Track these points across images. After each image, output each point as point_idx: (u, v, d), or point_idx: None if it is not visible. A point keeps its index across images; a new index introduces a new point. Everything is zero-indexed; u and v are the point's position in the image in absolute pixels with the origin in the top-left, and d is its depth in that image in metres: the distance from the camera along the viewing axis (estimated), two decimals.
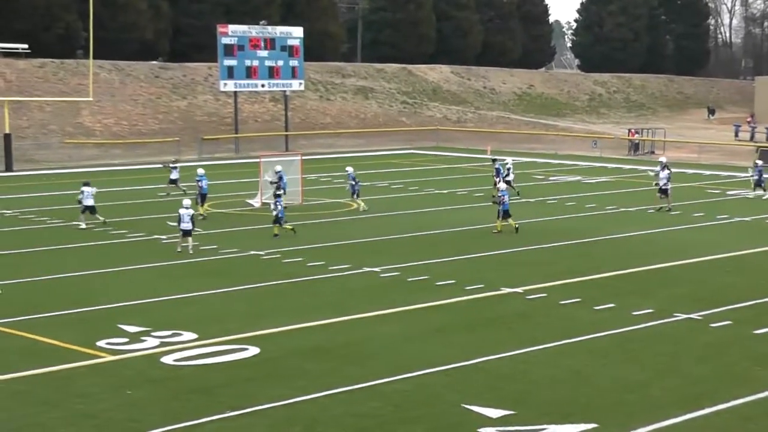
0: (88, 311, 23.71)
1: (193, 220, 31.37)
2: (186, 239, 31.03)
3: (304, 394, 17.47)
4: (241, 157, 67.16)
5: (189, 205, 31.58)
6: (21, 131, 65.66)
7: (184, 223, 30.90)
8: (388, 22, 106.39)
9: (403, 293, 25.57)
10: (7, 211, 40.71)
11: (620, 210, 40.86)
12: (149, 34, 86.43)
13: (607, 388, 17.97)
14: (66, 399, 17.28)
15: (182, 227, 30.98)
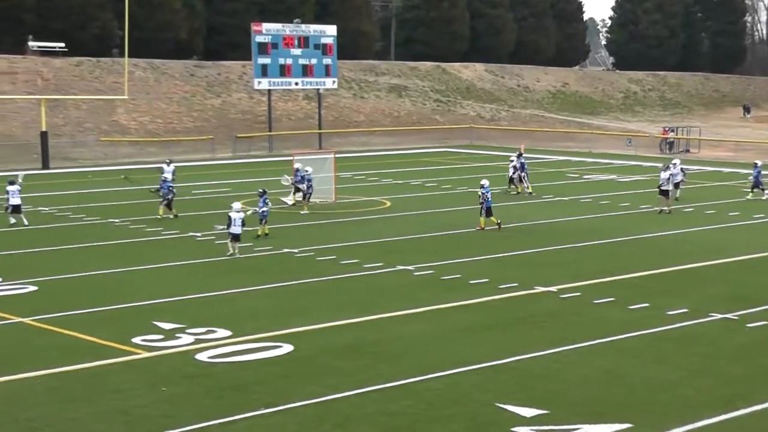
0: (123, 308, 23.87)
1: (244, 223, 30.41)
2: (235, 243, 30.03)
3: (337, 392, 17.51)
4: (274, 155, 67.35)
5: (240, 209, 30.52)
6: (57, 129, 66.17)
7: (235, 226, 29.86)
8: (422, 20, 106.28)
9: (436, 292, 25.56)
10: (44, 209, 41.02)
11: (655, 209, 40.60)
12: (184, 32, 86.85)
13: (640, 388, 17.88)
14: (101, 395, 17.42)
15: (232, 231, 29.95)
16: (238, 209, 30.27)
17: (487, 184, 35.70)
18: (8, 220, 36.00)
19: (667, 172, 39.77)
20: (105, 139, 68.06)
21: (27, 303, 24.33)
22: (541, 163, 61.81)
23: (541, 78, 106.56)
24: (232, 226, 29.83)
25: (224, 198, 43.83)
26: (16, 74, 72.59)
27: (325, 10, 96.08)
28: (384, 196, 44.84)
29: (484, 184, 35.63)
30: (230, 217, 29.88)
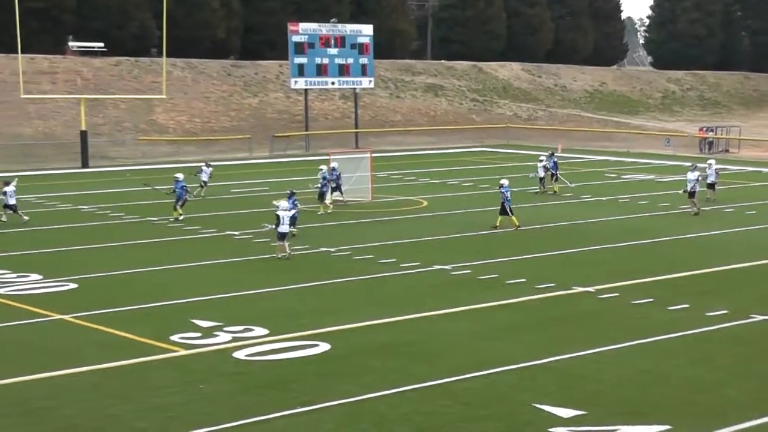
0: (162, 306, 24.01)
1: (292, 222, 30.26)
2: (282, 242, 29.69)
3: (373, 391, 17.50)
4: (311, 154, 67.50)
5: (288, 207, 30.30)
6: (97, 128, 66.67)
7: (283, 225, 29.61)
8: (459, 19, 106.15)
9: (472, 291, 25.50)
10: (83, 207, 41.35)
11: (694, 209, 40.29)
12: (221, 32, 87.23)
13: (679, 389, 17.74)
14: (140, 392, 17.51)
15: (280, 230, 29.66)
16: (285, 208, 30.01)
17: (506, 183, 35.67)
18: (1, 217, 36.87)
19: (695, 173, 39.28)
20: (143, 139, 68.49)
21: (67, 300, 24.52)
22: (579, 163, 61.58)
23: (578, 77, 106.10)
24: (280, 225, 29.55)
25: (261, 197, 44.02)
26: (57, 74, 73.23)
27: (361, 8, 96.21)
28: (421, 195, 44.82)
29: (503, 183, 35.59)
30: (278, 216, 29.61)
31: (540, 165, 46.24)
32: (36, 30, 75.52)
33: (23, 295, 25.04)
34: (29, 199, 43.73)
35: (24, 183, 50.13)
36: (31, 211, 40.59)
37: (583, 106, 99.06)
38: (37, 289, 25.78)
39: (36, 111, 68.29)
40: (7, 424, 16.07)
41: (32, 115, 67.90)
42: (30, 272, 27.74)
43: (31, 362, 19.27)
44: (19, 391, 17.62)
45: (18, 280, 26.90)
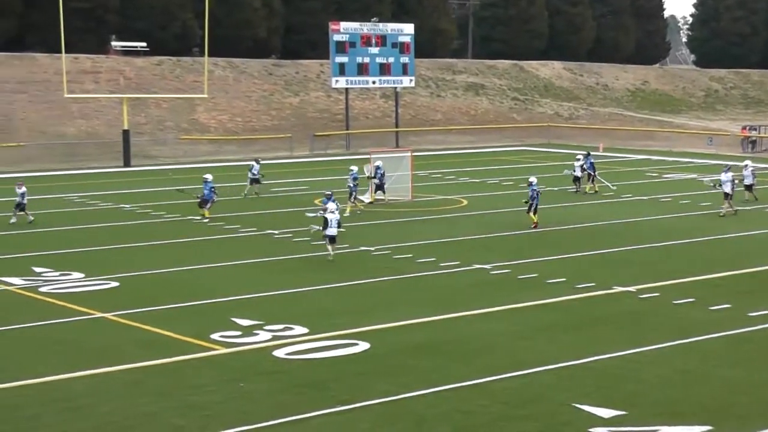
0: (202, 304, 24.12)
1: (340, 224, 29.83)
2: (331, 246, 29.27)
3: (413, 390, 17.48)
4: (351, 153, 67.53)
5: (336, 209, 29.89)
6: (139, 127, 67.13)
7: (331, 228, 29.22)
8: (500, 18, 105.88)
9: (512, 291, 25.42)
10: (125, 206, 41.64)
11: (737, 209, 39.95)
12: (262, 31, 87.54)
13: (721, 390, 17.58)
14: (179, 390, 17.60)
15: (328, 233, 29.28)
16: (333, 210, 29.58)
17: (535, 181, 35.53)
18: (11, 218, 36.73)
19: (729, 174, 38.60)
20: (185, 138, 68.86)
21: (109, 298, 24.70)
22: (621, 162, 61.21)
23: (620, 76, 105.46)
24: (328, 228, 29.23)
25: (302, 196, 44.15)
26: (100, 73, 73.83)
27: (402, 8, 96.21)
28: (461, 194, 44.74)
29: (532, 181, 35.46)
30: (326, 218, 29.29)
31: (577, 164, 45.97)
32: (80, 30, 76.24)
33: (65, 294, 25.25)
34: (72, 198, 44.16)
35: (67, 182, 50.76)
36: (74, 210, 41.01)
37: (625, 105, 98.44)
38: (78, 288, 25.99)
39: (79, 110, 68.89)
40: (49, 420, 16.21)
41: (75, 115, 68.51)
42: (72, 271, 27.97)
43: (73, 360, 19.43)
44: (60, 388, 17.78)
45: (60, 278, 27.13)
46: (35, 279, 26.95)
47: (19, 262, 29.30)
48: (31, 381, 18.08)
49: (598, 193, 44.60)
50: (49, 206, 41.73)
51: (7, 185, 48.22)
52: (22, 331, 21.80)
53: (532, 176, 36.87)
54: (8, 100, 67.87)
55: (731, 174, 38.82)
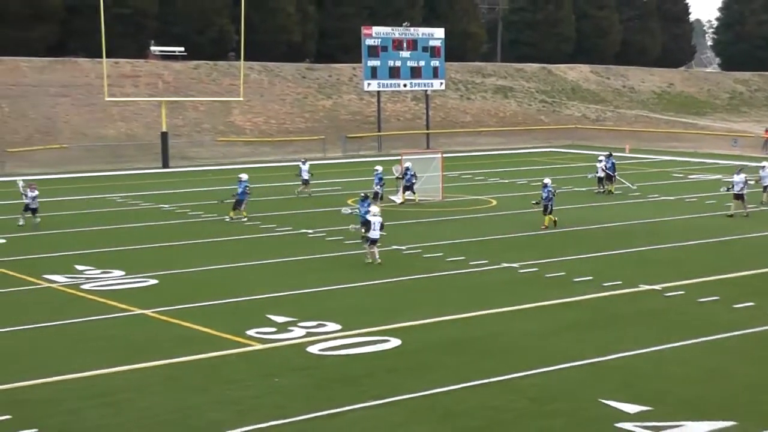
0: (238, 301, 24.23)
1: (383, 227, 28.82)
2: (372, 247, 28.62)
3: (443, 385, 17.49)
4: (383, 154, 67.59)
5: (378, 212, 28.99)
6: (177, 130, 67.47)
7: (374, 231, 28.38)
8: (528, 22, 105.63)
9: (540, 289, 25.35)
10: (164, 206, 41.87)
11: (761, 209, 39.68)
12: (297, 36, 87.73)
13: (745, 387, 17.46)
14: (216, 385, 17.69)
15: (371, 236, 28.51)
16: (376, 213, 28.78)
17: (549, 182, 35.33)
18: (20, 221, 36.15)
19: (741, 175, 37.73)
20: (221, 139, 69.16)
21: (148, 296, 24.86)
22: (647, 163, 60.92)
23: (646, 79, 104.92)
24: (371, 231, 28.51)
25: (335, 196, 44.22)
26: (139, 77, 74.29)
27: (433, 12, 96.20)
28: (490, 195, 44.68)
29: (546, 183, 35.23)
30: (369, 221, 28.62)
31: (599, 165, 45.81)
32: (120, 35, 76.70)
33: (107, 291, 25.44)
34: (113, 198, 44.46)
35: (107, 183, 51.13)
36: (115, 209, 41.28)
37: (651, 107, 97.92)
38: (119, 285, 26.17)
39: (119, 113, 69.34)
40: (90, 414, 16.33)
41: (116, 117, 68.96)
42: (113, 269, 28.17)
43: (113, 355, 19.57)
44: (102, 382, 17.90)
45: (102, 276, 27.32)
46: (77, 277, 27.16)
47: (61, 261, 29.55)
48: (73, 376, 18.22)
49: (612, 193, 44.27)
50: (91, 206, 42.06)
51: (52, 186, 48.71)
52: (65, 327, 21.98)
53: (547, 177, 36.69)
54: (51, 104, 68.42)
55: (744, 175, 38.09)
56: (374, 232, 28.44)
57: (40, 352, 19.96)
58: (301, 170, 45.07)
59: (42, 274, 27.34)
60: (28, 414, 16.26)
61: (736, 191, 37.64)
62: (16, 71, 70.63)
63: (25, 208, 35.93)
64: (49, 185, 49.98)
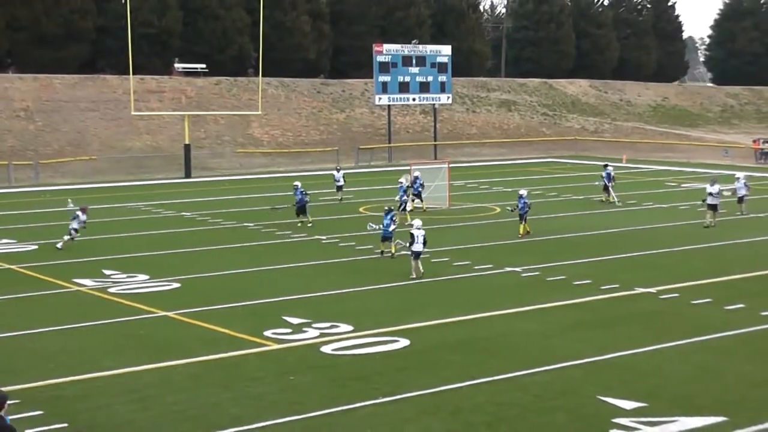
0: (256, 304, 24.24)
1: (425, 241, 27.30)
2: (417, 262, 27.18)
3: (450, 383, 17.48)
4: (393, 164, 67.66)
5: (421, 225, 27.74)
6: (199, 142, 67.59)
7: (417, 244, 27.04)
8: (531, 40, 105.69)
9: (542, 292, 25.32)
10: (186, 214, 41.94)
11: (750, 216, 39.56)
12: (312, 53, 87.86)
13: (736, 384, 17.43)
14: (236, 382, 17.71)
15: (414, 249, 27.15)
16: (419, 226, 27.52)
17: (525, 193, 35.03)
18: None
19: (716, 186, 37.12)
20: (241, 151, 69.28)
21: (171, 298, 24.89)
22: (642, 173, 60.80)
23: (642, 93, 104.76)
24: (414, 244, 27.12)
25: (348, 204, 44.23)
26: (164, 93, 74.48)
27: (441, 30, 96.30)
28: (494, 203, 44.65)
29: (522, 194, 34.94)
30: (412, 234, 27.24)
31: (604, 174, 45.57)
32: (146, 53, 77.05)
33: (132, 294, 25.48)
34: (138, 207, 44.55)
35: (133, 192, 51.27)
36: (140, 217, 41.38)
37: (647, 120, 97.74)
38: (144, 288, 26.22)
39: (145, 126, 69.51)
40: (119, 409, 16.37)
41: (141, 130, 69.13)
42: (138, 273, 28.22)
43: (140, 354, 19.62)
44: (130, 380, 17.95)
45: (127, 280, 27.38)
46: (105, 280, 27.22)
47: (90, 265, 29.61)
48: (103, 373, 18.27)
49: (609, 203, 43.85)
50: (118, 214, 42.14)
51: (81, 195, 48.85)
52: (94, 328, 22.02)
53: (523, 189, 36.33)
54: (81, 118, 68.63)
55: (718, 186, 37.45)
56: (417, 245, 27.09)
57: (70, 351, 20.00)
58: (336, 177, 46.02)
59: (72, 278, 27.41)
60: (60, 409, 16.31)
61: (710, 202, 36.86)
62: (49, 88, 70.89)
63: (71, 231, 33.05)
64: (78, 194, 50.06)
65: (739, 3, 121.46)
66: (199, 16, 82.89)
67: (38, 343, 20.70)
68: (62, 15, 75.60)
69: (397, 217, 31.35)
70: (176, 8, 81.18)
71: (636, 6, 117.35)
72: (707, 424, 15.38)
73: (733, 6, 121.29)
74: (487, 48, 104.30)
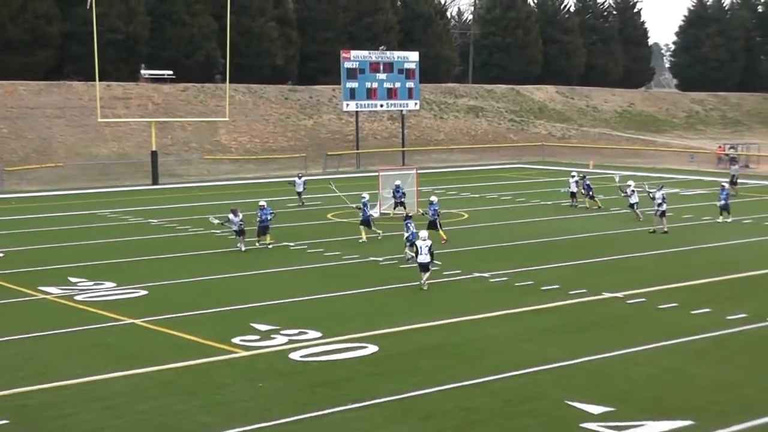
0: (224, 311, 24.17)
1: (432, 253, 26.58)
2: (423, 274, 26.52)
3: (419, 389, 17.51)
4: (361, 171, 67.69)
5: (426, 236, 26.86)
6: (166, 148, 67.29)
7: (422, 255, 26.38)
8: (498, 46, 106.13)
9: (510, 297, 25.43)
10: (153, 221, 41.74)
11: (716, 221, 39.90)
12: (280, 59, 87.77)
13: (703, 388, 17.58)
14: (205, 389, 17.65)
15: (420, 260, 26.55)
16: (424, 237, 26.73)
17: (435, 200, 35.03)
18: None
19: (662, 191, 37.18)
20: (208, 157, 69.04)
21: (139, 306, 24.77)
22: (609, 178, 61.13)
23: (608, 99, 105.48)
24: (419, 255, 26.52)
25: (316, 211, 44.20)
26: (130, 99, 74.08)
27: (409, 37, 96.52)
28: (462, 208, 44.77)
29: (433, 200, 34.91)
30: (417, 245, 26.68)
31: (572, 180, 45.81)
32: (113, 60, 76.59)
33: (99, 301, 25.33)
34: (104, 214, 44.27)
35: (100, 199, 50.94)
36: (107, 224, 41.13)
37: (613, 125, 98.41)
38: (111, 296, 26.07)
39: (111, 133, 69.10)
40: (88, 417, 16.28)
41: (108, 137, 68.72)
42: (105, 280, 28.05)
43: (108, 362, 19.50)
44: (98, 388, 17.84)
45: (94, 287, 27.20)
46: (71, 288, 27.04)
47: (56, 273, 29.41)
48: (70, 381, 18.15)
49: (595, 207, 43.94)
50: (84, 221, 41.88)
51: (48, 202, 48.50)
52: (61, 336, 21.88)
53: (433, 196, 36.45)
54: (48, 125, 68.14)
55: (664, 192, 37.44)
56: (422, 256, 26.40)
57: (37, 360, 19.86)
58: (296, 183, 46.38)
59: (37, 286, 27.20)
60: (27, 418, 16.19)
61: (657, 207, 36.81)
62: (14, 94, 70.30)
63: (238, 233, 33.16)
64: (44, 202, 49.79)
65: (704, 9, 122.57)
66: (167, 22, 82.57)
67: (4, 352, 20.52)
68: (27, 20, 74.98)
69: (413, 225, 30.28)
70: (143, 14, 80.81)
71: (602, 12, 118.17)
72: (675, 428, 15.50)
73: (698, 12, 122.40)
74: (455, 54, 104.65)
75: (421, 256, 26.50)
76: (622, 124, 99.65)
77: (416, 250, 26.79)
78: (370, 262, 30.83)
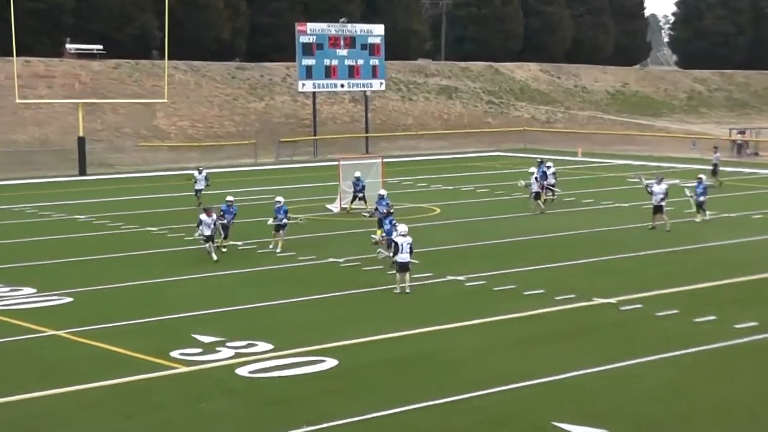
0: (161, 320, 24.03)
1: (412, 250, 26.50)
2: (403, 275, 26.51)
3: (385, 408, 17.44)
4: (319, 160, 67.61)
5: (407, 232, 26.73)
6: (95, 134, 66.84)
7: (402, 254, 26.33)
8: (474, 18, 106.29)
9: (488, 303, 25.45)
10: (80, 217, 41.43)
11: (721, 216, 40.17)
12: (226, 33, 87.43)
13: (704, 405, 17.62)
14: (139, 410, 17.51)
15: (399, 260, 26.50)
16: (404, 233, 26.71)
17: (385, 194, 35.13)
18: None
19: (662, 185, 37.27)
20: (144, 144, 68.67)
21: (62, 315, 24.55)
22: (600, 168, 61.45)
23: (599, 78, 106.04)
24: (399, 254, 26.45)
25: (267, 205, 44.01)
26: (53, 78, 73.48)
27: (372, 8, 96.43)
28: (433, 202, 44.80)
29: (383, 194, 34.98)
30: (396, 243, 26.63)
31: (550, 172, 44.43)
32: (33, 31, 75.80)
33: (15, 310, 25.07)
34: (23, 209, 43.89)
35: (18, 192, 50.49)
36: (25, 221, 40.77)
37: (605, 108, 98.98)
38: (31, 304, 25.82)
39: (32, 116, 68.51)
40: None
41: (28, 121, 68.12)
42: (23, 285, 27.79)
43: (28, 380, 19.28)
44: (15, 409, 17.64)
45: (10, 293, 26.92)
46: None
47: None
48: None
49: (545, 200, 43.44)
50: (0, 217, 41.47)
51: None
52: None
53: (382, 189, 36.57)
54: None
55: (665, 186, 37.59)
56: (402, 255, 26.38)
57: None
58: (197, 178, 43.95)
59: None
60: None
61: (656, 202, 36.93)
62: None
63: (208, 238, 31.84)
64: None
65: None
66: None
67: None
68: None
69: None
70: None
71: None
72: None
73: None
74: (425, 27, 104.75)
75: (401, 255, 26.45)
76: (615, 107, 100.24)
77: (395, 247, 26.77)
78: (329, 263, 30.75)
